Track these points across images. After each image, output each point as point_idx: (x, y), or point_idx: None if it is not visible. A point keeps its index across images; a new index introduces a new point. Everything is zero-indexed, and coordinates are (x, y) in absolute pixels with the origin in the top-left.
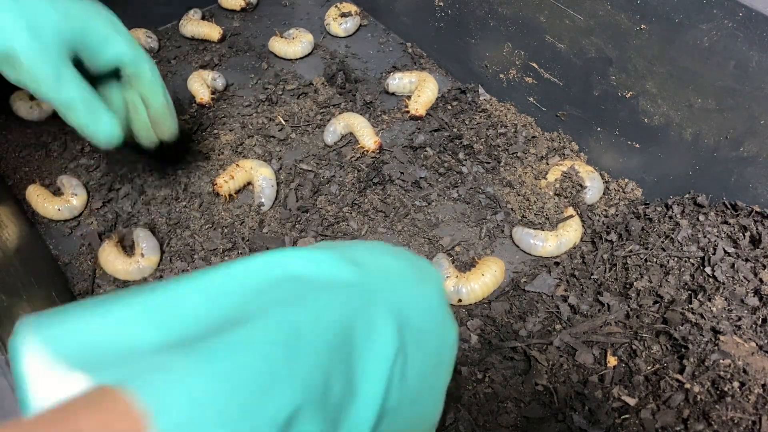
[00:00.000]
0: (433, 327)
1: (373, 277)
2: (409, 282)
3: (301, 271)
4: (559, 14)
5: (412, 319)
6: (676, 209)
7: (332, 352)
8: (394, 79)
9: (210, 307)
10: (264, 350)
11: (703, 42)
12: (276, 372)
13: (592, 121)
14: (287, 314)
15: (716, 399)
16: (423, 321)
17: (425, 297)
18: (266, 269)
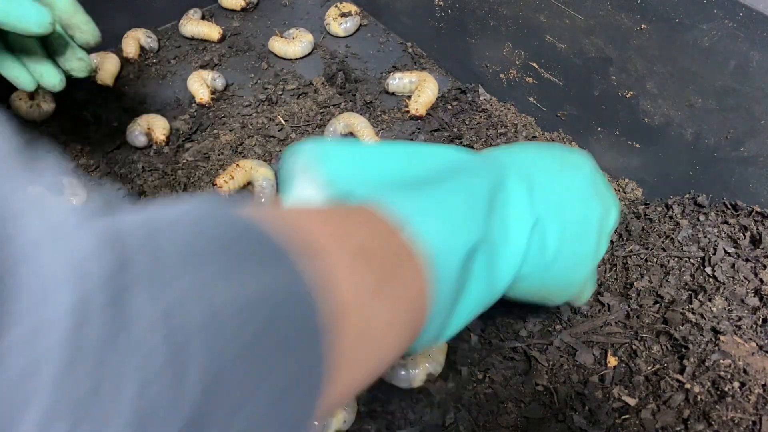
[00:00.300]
0: (574, 204)
1: (510, 163)
2: (548, 167)
3: (458, 159)
4: (560, 14)
5: (549, 194)
6: (677, 209)
7: (489, 208)
8: (394, 79)
9: (412, 168)
10: (462, 197)
11: (704, 42)
12: (469, 213)
13: (593, 121)
14: (465, 181)
15: (716, 399)
16: (562, 197)
17: (565, 178)
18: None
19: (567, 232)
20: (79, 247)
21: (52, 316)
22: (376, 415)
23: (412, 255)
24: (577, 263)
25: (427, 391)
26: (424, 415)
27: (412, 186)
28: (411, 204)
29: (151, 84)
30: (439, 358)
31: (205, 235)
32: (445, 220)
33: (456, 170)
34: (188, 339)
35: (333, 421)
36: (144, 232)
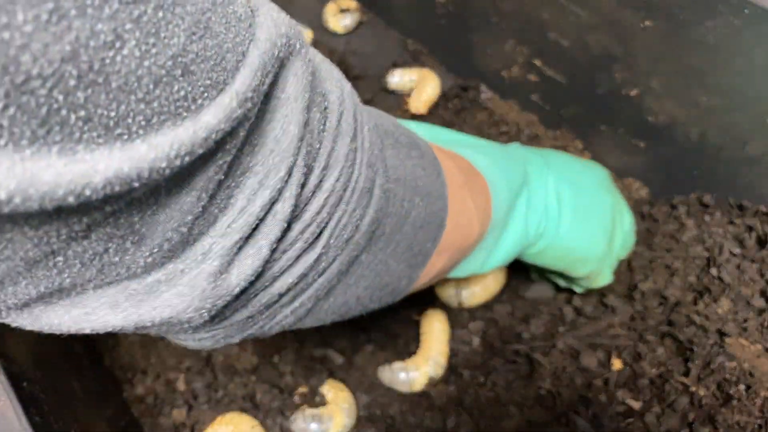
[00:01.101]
0: (588, 182)
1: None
2: (564, 160)
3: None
4: (563, 10)
5: (566, 173)
6: (682, 209)
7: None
8: (395, 76)
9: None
10: (503, 156)
11: (709, 39)
12: (509, 166)
13: (596, 119)
14: (504, 150)
15: (722, 402)
16: (576, 177)
17: (581, 171)
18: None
19: (581, 204)
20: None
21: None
22: (376, 419)
23: (480, 175)
24: (593, 235)
25: (427, 395)
26: (425, 419)
27: (465, 146)
28: (467, 151)
29: None
30: (440, 361)
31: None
32: (496, 164)
33: (489, 144)
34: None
35: (332, 424)
36: None
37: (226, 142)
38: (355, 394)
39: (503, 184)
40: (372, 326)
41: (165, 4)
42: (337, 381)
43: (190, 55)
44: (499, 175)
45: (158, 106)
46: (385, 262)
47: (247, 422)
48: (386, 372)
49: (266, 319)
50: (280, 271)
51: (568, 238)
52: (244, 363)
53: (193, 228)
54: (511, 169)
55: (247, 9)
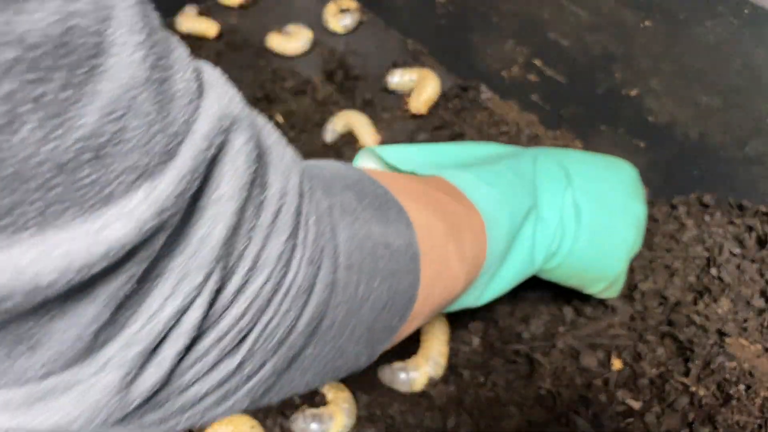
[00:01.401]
0: (612, 196)
1: (549, 154)
2: (586, 161)
3: (506, 149)
4: (563, 10)
5: (588, 183)
6: (682, 209)
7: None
8: (395, 76)
9: (470, 154)
10: (512, 174)
11: (709, 39)
12: (518, 184)
13: (596, 119)
14: (512, 161)
15: (722, 402)
16: (600, 186)
17: (604, 175)
18: (492, 146)
19: (603, 220)
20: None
21: (291, 188)
22: (376, 419)
23: (475, 211)
24: (613, 254)
25: (427, 395)
26: (425, 419)
27: (465, 167)
28: (467, 176)
29: None
30: (440, 361)
31: (342, 174)
32: (497, 189)
33: (500, 156)
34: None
35: (332, 424)
36: None
37: (137, 253)
38: (355, 393)
39: (505, 215)
40: None
41: (73, 82)
42: (336, 381)
43: (105, 136)
44: (502, 204)
45: (58, 195)
46: (339, 348)
47: (246, 423)
48: (386, 372)
49: (191, 418)
50: (192, 380)
51: (584, 257)
52: None
53: (98, 336)
54: (518, 192)
55: (192, 85)
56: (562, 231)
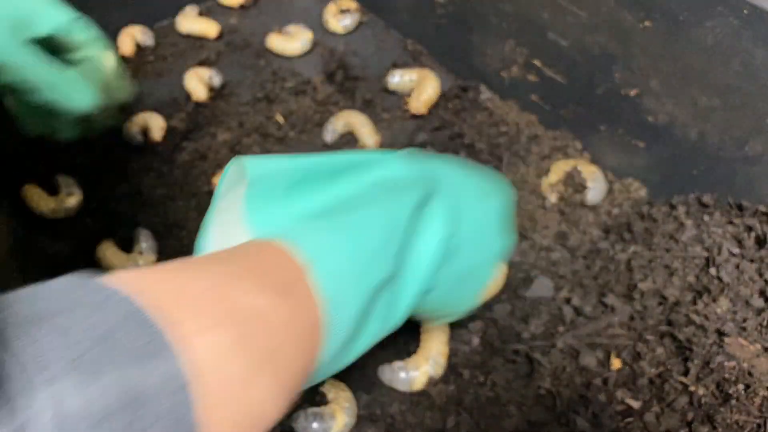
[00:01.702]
0: (487, 232)
1: (441, 182)
2: (472, 193)
3: (391, 173)
4: (562, 11)
5: (467, 220)
6: (681, 209)
7: (407, 233)
8: (394, 77)
9: (336, 186)
10: (379, 230)
11: (708, 39)
12: (382, 247)
13: (596, 119)
14: (388, 207)
15: (721, 402)
16: (477, 225)
17: (485, 207)
18: (370, 167)
19: (473, 258)
20: None
21: None
22: (376, 419)
23: (310, 304)
24: (477, 283)
25: (427, 395)
26: (425, 418)
27: (329, 214)
28: (320, 242)
29: (147, 82)
30: (440, 361)
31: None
32: (354, 260)
33: (386, 188)
34: None
35: (333, 423)
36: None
37: None
38: (356, 393)
39: (360, 291)
40: None
41: None
42: (337, 380)
43: None
44: (357, 280)
45: None
46: None
47: None
48: (386, 371)
49: None
50: None
51: (440, 302)
52: None
53: None
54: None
55: None
56: (431, 277)
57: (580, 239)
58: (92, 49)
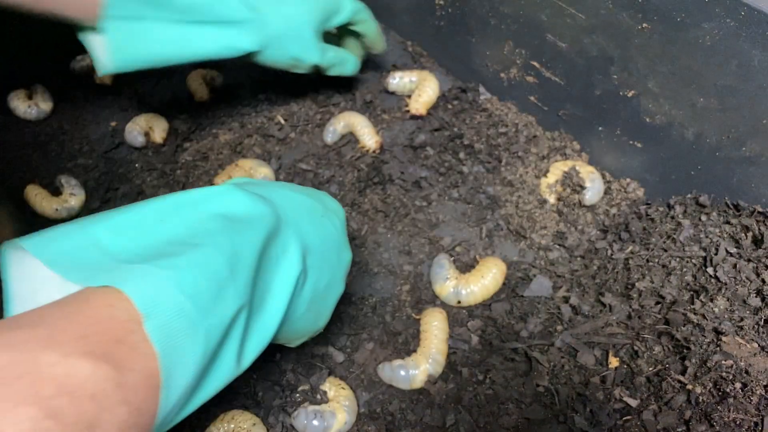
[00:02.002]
0: (331, 253)
1: (285, 212)
2: (313, 216)
3: (231, 208)
4: (561, 13)
5: (313, 246)
6: (678, 209)
7: (256, 269)
8: (395, 78)
9: (166, 228)
10: (216, 268)
11: (705, 41)
12: (224, 284)
13: (594, 120)
14: (229, 241)
15: (718, 400)
16: (323, 248)
17: (326, 228)
18: (206, 203)
19: (318, 289)
20: None
21: None
22: (377, 417)
23: (142, 359)
24: (327, 306)
25: (427, 393)
26: (425, 416)
27: (162, 256)
28: (152, 288)
29: (150, 83)
30: (439, 359)
31: None
32: (192, 302)
33: (224, 224)
34: None
35: (334, 422)
36: None
37: None
38: (356, 391)
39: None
40: (372, 325)
41: None
42: (337, 379)
43: None
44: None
45: None
46: None
47: (248, 420)
48: (386, 370)
49: None
50: None
51: (299, 323)
52: None
53: None
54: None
55: None
56: (285, 312)
57: (578, 239)
58: (366, 25)
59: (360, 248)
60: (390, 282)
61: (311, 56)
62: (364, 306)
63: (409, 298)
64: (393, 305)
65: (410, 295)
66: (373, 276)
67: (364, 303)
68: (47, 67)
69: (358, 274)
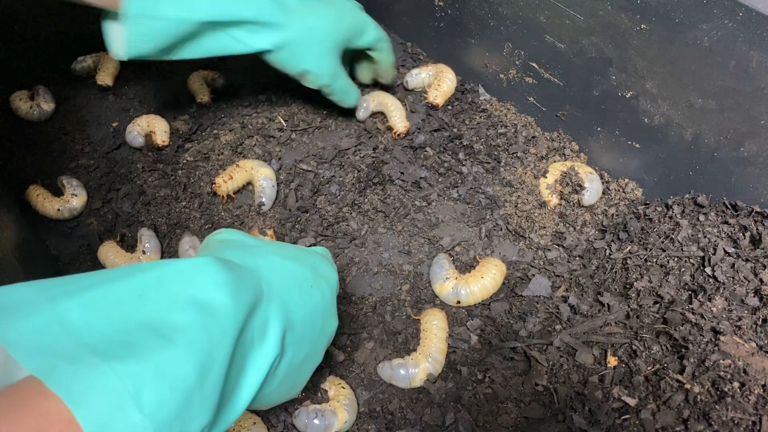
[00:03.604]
0: (315, 325)
1: (271, 285)
2: (302, 287)
3: (210, 293)
4: (559, 14)
5: (296, 320)
6: (677, 209)
7: (228, 366)
8: (412, 75)
9: (141, 307)
10: (184, 375)
11: (704, 42)
12: (190, 395)
13: (593, 121)
14: (204, 338)
15: (716, 399)
16: (306, 320)
17: (314, 299)
18: (186, 282)
19: (295, 363)
20: None
21: None
22: (376, 415)
23: None
24: (302, 377)
25: (426, 392)
26: (424, 415)
27: (134, 345)
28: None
29: (151, 84)
30: (438, 358)
31: None
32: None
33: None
34: None
35: (335, 421)
36: None
37: None
38: (356, 390)
39: None
40: (372, 324)
41: None
42: (338, 378)
43: None
44: None
45: None
46: None
47: (249, 418)
48: (386, 369)
49: None
50: None
51: (272, 398)
52: None
53: None
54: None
55: None
56: (248, 401)
57: (577, 239)
58: (383, 54)
59: (360, 248)
60: (390, 282)
61: (321, 75)
62: (364, 305)
63: (408, 298)
64: (393, 305)
65: (410, 294)
66: (373, 276)
67: (364, 302)
68: (49, 68)
69: (358, 274)
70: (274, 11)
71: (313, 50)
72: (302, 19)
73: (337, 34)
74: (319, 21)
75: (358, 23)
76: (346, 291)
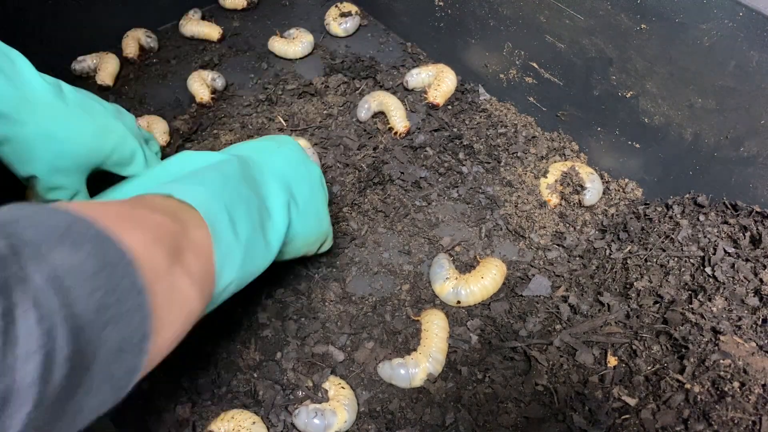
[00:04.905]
0: (299, 167)
1: (248, 155)
2: (271, 150)
3: (209, 159)
4: (560, 14)
5: (281, 168)
6: (677, 209)
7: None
8: (412, 75)
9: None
10: (220, 176)
11: (704, 42)
12: (224, 183)
13: (593, 121)
14: (220, 167)
15: (716, 399)
16: (290, 166)
17: (284, 152)
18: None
19: (305, 195)
20: None
21: None
22: (376, 415)
23: (193, 216)
24: (319, 213)
25: (426, 391)
26: (424, 414)
27: (182, 178)
28: (183, 187)
29: (151, 84)
30: (439, 358)
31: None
32: (207, 190)
33: (212, 164)
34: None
35: (335, 420)
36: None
37: None
38: (356, 390)
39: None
40: (372, 324)
41: None
42: (338, 377)
43: None
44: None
45: None
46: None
47: (248, 418)
48: (386, 369)
49: None
50: None
51: (305, 231)
52: (247, 360)
53: None
54: (224, 183)
55: None
56: (288, 220)
57: (577, 239)
58: None
59: (360, 248)
60: (390, 281)
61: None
62: (364, 305)
63: (408, 298)
64: (393, 304)
65: (410, 294)
66: (373, 275)
67: (364, 302)
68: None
69: (358, 273)
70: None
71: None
72: (46, 123)
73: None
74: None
75: (120, 153)
76: (346, 291)
